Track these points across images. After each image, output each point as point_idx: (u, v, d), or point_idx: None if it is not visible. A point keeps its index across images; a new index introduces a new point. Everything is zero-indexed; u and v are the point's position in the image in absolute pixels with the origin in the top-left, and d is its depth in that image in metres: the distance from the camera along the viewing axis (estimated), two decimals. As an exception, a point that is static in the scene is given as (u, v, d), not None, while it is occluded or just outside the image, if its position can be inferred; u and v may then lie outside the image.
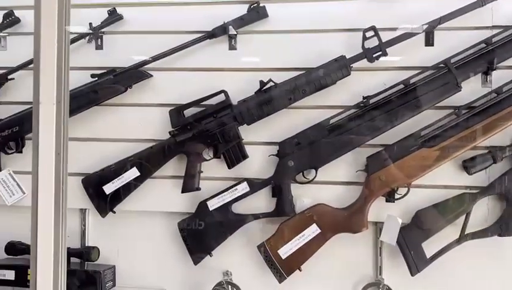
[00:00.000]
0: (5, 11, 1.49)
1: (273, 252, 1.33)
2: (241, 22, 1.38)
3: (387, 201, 1.34)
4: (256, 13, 1.37)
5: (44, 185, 0.84)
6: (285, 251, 1.32)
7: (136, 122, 1.47)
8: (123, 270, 1.48)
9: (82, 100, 1.43)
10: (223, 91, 1.39)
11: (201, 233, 1.39)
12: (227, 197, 1.39)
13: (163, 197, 1.45)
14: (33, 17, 1.48)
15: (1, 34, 1.50)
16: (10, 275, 1.44)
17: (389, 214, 1.32)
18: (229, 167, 1.41)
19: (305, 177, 1.37)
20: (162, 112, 1.45)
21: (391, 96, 1.32)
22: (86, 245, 1.49)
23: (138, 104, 1.47)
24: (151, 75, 1.44)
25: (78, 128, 1.47)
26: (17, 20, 1.49)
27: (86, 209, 1.50)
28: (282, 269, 1.32)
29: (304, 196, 1.38)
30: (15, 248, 1.46)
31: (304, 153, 1.34)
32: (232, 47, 1.42)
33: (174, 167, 1.44)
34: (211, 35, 1.39)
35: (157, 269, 1.48)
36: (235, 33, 1.40)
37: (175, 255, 1.46)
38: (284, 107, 1.36)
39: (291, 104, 1.35)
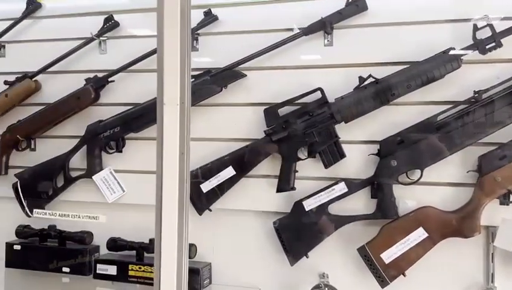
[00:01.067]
0: (106, 16, 1.57)
1: (375, 256, 1.27)
2: (339, 16, 1.33)
3: (501, 203, 1.24)
4: (356, 7, 1.32)
5: (169, 184, 0.86)
6: (388, 255, 1.26)
7: (230, 122, 1.48)
8: (218, 268, 1.50)
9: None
10: (319, 89, 1.36)
11: (298, 233, 1.36)
12: (323, 197, 1.35)
13: (257, 196, 1.45)
14: (131, 21, 1.59)
15: (102, 38, 1.58)
16: (112, 270, 1.51)
17: (505, 218, 1.22)
18: (326, 167, 1.37)
19: (408, 178, 1.30)
20: (256, 111, 1.44)
21: (505, 91, 1.22)
22: (182, 243, 1.53)
23: (232, 104, 1.48)
24: (245, 75, 1.44)
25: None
26: (116, 25, 1.56)
27: (181, 207, 1.54)
28: (385, 274, 1.26)
29: (407, 197, 1.31)
30: (116, 244, 1.53)
31: (408, 152, 1.27)
32: (328, 43, 1.38)
33: (268, 166, 1.43)
34: (308, 31, 1.36)
35: (251, 268, 1.47)
36: (332, 28, 1.36)
37: (270, 254, 1.45)
38: (385, 104, 1.30)
39: (393, 100, 1.29)
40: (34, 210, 1.59)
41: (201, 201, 1.45)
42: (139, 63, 1.51)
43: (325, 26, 1.34)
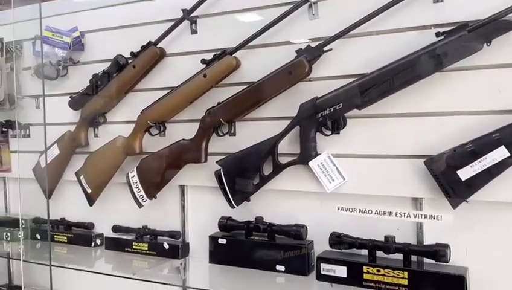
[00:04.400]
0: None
1: None
2: None
3: None
4: None
5: None
6: None
7: (493, 88, 1.16)
8: (476, 275, 1.21)
9: (422, 67, 1.18)
10: None
11: None
12: None
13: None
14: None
15: (312, 0, 1.35)
16: (341, 271, 1.29)
17: None
18: None
19: None
20: (532, 72, 1.11)
21: None
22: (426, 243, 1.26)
23: (497, 66, 1.16)
24: (518, 26, 1.11)
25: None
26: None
27: (421, 198, 1.28)
28: None
29: None
30: (341, 241, 1.31)
31: None
32: None
33: (556, 144, 1.10)
34: None
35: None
36: None
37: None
38: None
39: None
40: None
41: (459, 191, 1.17)
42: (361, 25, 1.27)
43: None
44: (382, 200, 1.31)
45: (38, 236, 1.86)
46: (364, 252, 1.29)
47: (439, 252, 1.16)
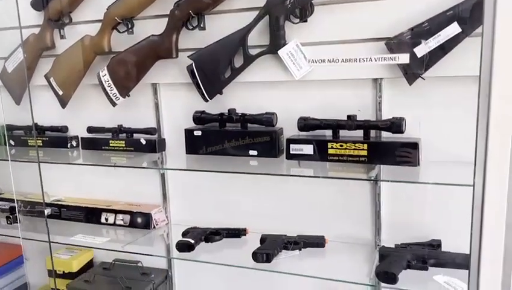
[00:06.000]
0: None
1: None
2: None
3: None
4: None
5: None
6: None
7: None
8: (428, 145, 1.36)
9: None
10: None
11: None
12: None
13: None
14: None
15: None
16: (308, 149, 1.41)
17: None
18: None
19: None
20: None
21: None
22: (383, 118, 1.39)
23: None
24: None
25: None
26: None
27: (380, 78, 1.38)
28: None
29: None
30: (308, 123, 1.42)
31: None
32: None
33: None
34: None
35: (464, 142, 1.31)
36: None
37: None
38: None
39: None
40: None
41: (415, 67, 1.27)
42: None
43: None
44: (346, 83, 1.41)
45: (12, 142, 1.88)
46: (329, 133, 1.42)
47: (395, 124, 1.30)
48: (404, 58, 1.00)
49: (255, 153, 1.50)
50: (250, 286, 1.67)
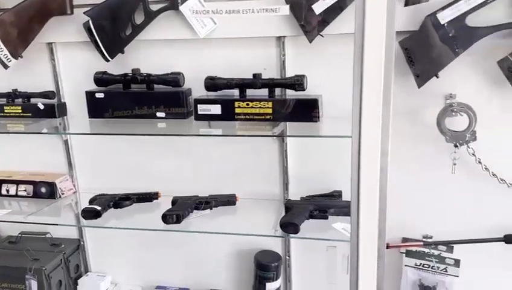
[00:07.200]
0: None
1: (522, 66, 1.18)
2: None
3: None
4: None
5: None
6: (537, 64, 1.17)
7: None
8: (328, 99, 1.41)
9: None
10: None
11: (429, 51, 1.24)
12: (463, 7, 1.20)
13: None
14: None
15: None
16: (216, 109, 1.40)
17: None
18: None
19: None
20: None
21: None
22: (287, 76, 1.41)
23: None
24: None
25: None
26: None
27: (283, 36, 1.39)
28: (531, 84, 1.19)
29: None
30: (215, 83, 1.40)
31: None
32: None
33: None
34: None
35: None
36: None
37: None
38: None
39: None
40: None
41: (311, 25, 1.30)
42: None
43: None
44: (251, 41, 1.41)
45: None
46: (237, 93, 1.42)
47: (296, 82, 1.33)
48: (284, 10, 1.01)
49: (162, 115, 1.46)
50: (165, 248, 1.68)
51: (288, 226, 1.27)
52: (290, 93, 1.40)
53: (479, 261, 1.40)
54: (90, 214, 1.42)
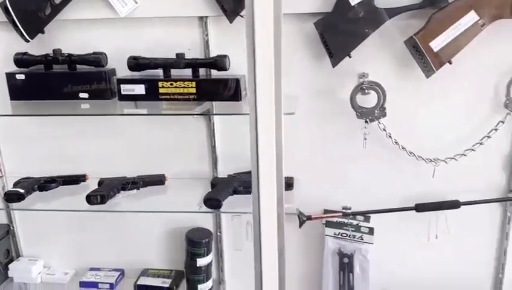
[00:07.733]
0: None
1: (424, 46, 1.26)
2: None
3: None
4: None
5: None
6: (437, 43, 1.25)
7: None
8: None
9: None
10: None
11: (341, 32, 1.30)
12: (371, -11, 1.26)
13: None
14: None
15: None
16: (140, 89, 1.41)
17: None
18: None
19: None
20: None
21: None
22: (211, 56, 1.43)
23: None
24: None
25: None
26: None
27: (205, 16, 1.41)
28: (433, 63, 1.27)
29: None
30: (138, 63, 1.40)
31: None
32: None
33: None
34: None
35: (288, 76, 1.43)
36: None
37: (308, 60, 1.40)
38: None
39: None
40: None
41: (230, 6, 1.32)
42: None
43: None
44: (174, 21, 1.42)
45: None
46: (162, 73, 1.43)
47: (218, 61, 1.35)
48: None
49: (85, 95, 1.44)
50: (97, 230, 1.68)
51: (211, 202, 1.31)
52: (215, 74, 1.42)
53: (393, 229, 1.51)
54: (13, 197, 1.40)
